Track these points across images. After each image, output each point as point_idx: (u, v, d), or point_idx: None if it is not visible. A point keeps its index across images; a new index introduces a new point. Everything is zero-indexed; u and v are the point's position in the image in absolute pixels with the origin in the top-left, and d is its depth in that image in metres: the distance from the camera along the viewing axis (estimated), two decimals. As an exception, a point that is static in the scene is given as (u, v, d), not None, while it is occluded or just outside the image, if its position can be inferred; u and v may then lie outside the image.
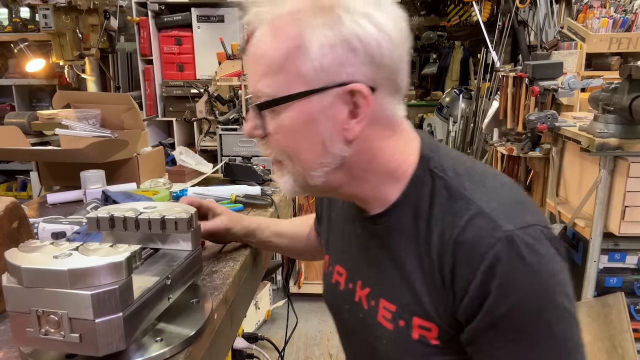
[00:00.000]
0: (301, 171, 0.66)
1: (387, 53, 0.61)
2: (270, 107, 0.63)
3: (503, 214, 0.61)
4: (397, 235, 0.69)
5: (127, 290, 0.58)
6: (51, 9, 2.57)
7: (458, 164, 0.68)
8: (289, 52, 0.60)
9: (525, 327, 0.60)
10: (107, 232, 0.76)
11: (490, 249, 0.59)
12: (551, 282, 0.60)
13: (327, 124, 0.63)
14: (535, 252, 0.59)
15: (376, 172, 0.68)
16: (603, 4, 2.98)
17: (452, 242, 0.62)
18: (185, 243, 0.77)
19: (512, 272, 0.59)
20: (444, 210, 0.64)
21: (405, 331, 0.68)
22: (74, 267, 0.54)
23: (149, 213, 0.75)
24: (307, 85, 0.61)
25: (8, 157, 2.59)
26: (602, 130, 1.95)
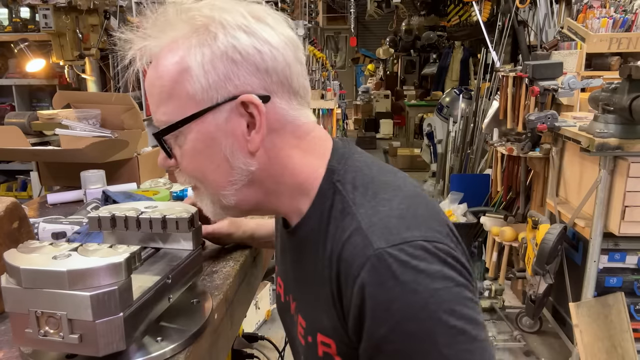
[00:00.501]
0: (213, 193, 0.67)
1: (271, 59, 0.62)
2: (167, 133, 0.64)
3: (380, 230, 0.58)
4: (308, 249, 0.68)
5: (127, 291, 0.58)
6: (51, 9, 2.57)
7: (360, 176, 0.66)
8: (174, 77, 0.62)
9: (412, 352, 0.56)
10: (108, 231, 0.77)
11: (361, 269, 0.57)
12: (432, 300, 0.55)
13: (228, 140, 0.63)
14: (410, 269, 0.55)
15: (287, 184, 0.67)
16: (603, 4, 2.98)
17: (336, 259, 0.61)
18: (186, 242, 0.77)
19: (383, 293, 0.55)
20: (337, 225, 0.63)
21: (313, 347, 0.68)
22: (73, 268, 0.54)
23: (150, 212, 0.75)
24: (198, 106, 0.62)
25: (8, 157, 2.59)
26: (602, 130, 1.96)
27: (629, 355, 2.04)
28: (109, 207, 0.78)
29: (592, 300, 2.13)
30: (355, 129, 9.19)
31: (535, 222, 2.47)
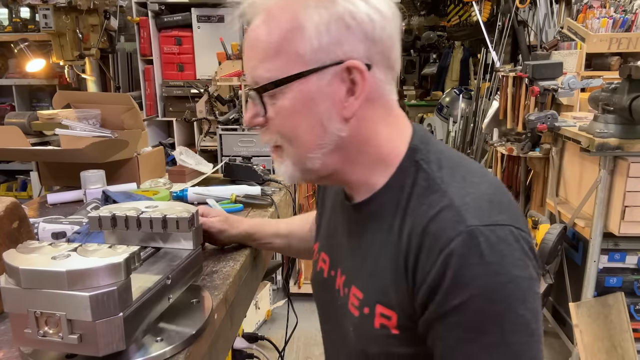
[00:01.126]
0: (300, 154, 0.67)
1: (380, 28, 0.63)
2: (271, 89, 0.64)
3: (473, 209, 0.60)
4: (375, 223, 0.70)
5: (126, 291, 0.58)
6: (51, 9, 2.57)
7: (445, 158, 0.68)
8: (285, 35, 0.62)
9: (477, 328, 0.58)
10: (108, 231, 0.77)
11: (451, 241, 0.58)
12: (510, 286, 0.57)
13: (326, 103, 0.64)
14: (497, 251, 0.57)
15: (369, 156, 0.69)
16: (603, 4, 2.98)
17: (420, 231, 0.62)
18: (187, 242, 0.77)
19: (467, 268, 0.57)
20: (420, 201, 0.64)
21: (369, 319, 0.68)
22: (72, 268, 0.54)
23: (150, 212, 0.75)
24: (305, 66, 0.62)
25: (8, 157, 2.59)
26: (602, 130, 1.96)
27: (629, 355, 2.04)
28: (109, 207, 0.78)
29: (592, 300, 2.13)
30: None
31: (535, 222, 2.47)
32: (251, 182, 1.49)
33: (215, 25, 3.14)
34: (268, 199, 1.38)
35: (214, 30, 3.12)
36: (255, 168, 1.52)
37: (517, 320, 0.58)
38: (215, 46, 2.86)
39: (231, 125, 2.86)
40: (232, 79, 2.77)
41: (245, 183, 1.48)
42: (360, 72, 0.63)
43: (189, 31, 3.18)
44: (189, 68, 3.26)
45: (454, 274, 0.58)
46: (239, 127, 2.87)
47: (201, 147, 3.15)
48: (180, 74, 3.27)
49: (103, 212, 0.75)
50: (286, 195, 1.50)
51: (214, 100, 2.87)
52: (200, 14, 3.14)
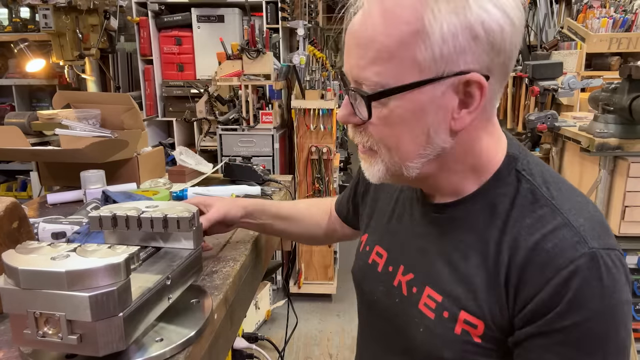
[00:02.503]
0: (398, 162, 0.63)
1: (508, 38, 0.58)
2: (381, 98, 0.59)
3: (590, 230, 0.60)
4: (463, 227, 0.67)
5: (126, 291, 0.58)
6: (51, 9, 2.57)
7: (547, 171, 0.66)
8: (404, 38, 0.56)
9: (582, 347, 0.58)
10: (109, 231, 0.76)
11: (571, 262, 0.57)
12: (620, 310, 0.58)
13: (437, 114, 0.59)
14: (612, 275, 0.58)
15: (466, 165, 0.66)
16: (603, 4, 2.98)
17: (530, 246, 0.60)
18: (187, 242, 0.77)
19: (588, 290, 0.57)
20: (526, 214, 0.62)
21: (448, 323, 0.66)
22: (72, 268, 0.54)
23: (151, 212, 0.75)
24: (421, 74, 0.57)
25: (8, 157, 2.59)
26: (602, 130, 1.95)
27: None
28: (110, 207, 0.78)
29: (592, 300, 2.13)
30: (355, 129, 9.18)
31: (535, 222, 2.47)
32: (251, 182, 1.49)
33: (215, 25, 3.14)
34: (268, 199, 1.38)
35: (214, 30, 3.12)
36: (255, 168, 1.52)
37: (619, 342, 0.59)
38: (215, 46, 2.86)
39: (231, 125, 2.86)
40: (232, 79, 2.77)
41: (245, 183, 1.48)
42: (480, 87, 0.58)
43: (189, 31, 3.18)
44: (189, 68, 3.26)
45: (573, 294, 0.57)
46: (239, 127, 2.87)
47: (201, 147, 3.15)
48: (180, 74, 3.27)
49: (104, 211, 0.75)
50: (286, 195, 1.50)
51: (213, 100, 2.86)
52: (200, 14, 3.14)
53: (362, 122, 0.63)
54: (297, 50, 2.96)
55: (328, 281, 3.18)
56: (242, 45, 2.76)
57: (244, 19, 3.20)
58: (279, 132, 2.97)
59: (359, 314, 0.89)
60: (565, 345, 0.58)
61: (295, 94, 2.94)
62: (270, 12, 3.08)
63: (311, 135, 2.91)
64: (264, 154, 2.89)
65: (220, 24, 3.14)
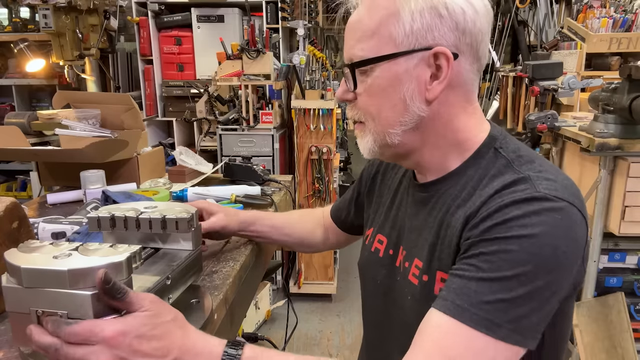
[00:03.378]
0: (381, 129, 0.73)
1: (471, 21, 0.68)
2: (362, 66, 0.71)
3: (546, 184, 0.64)
4: (444, 200, 0.74)
5: None
6: (51, 9, 2.57)
7: (524, 150, 0.73)
8: (382, 19, 0.69)
9: (494, 265, 0.61)
10: (108, 231, 0.76)
11: (514, 194, 0.63)
12: (546, 251, 0.60)
13: (411, 84, 0.69)
14: (554, 219, 0.60)
15: (446, 139, 0.74)
16: (603, 4, 2.98)
17: (488, 195, 0.66)
18: (186, 242, 0.77)
19: (522, 218, 0.60)
20: (495, 180, 0.68)
21: (428, 285, 0.72)
22: (74, 267, 0.54)
23: (149, 213, 0.75)
24: (396, 48, 0.68)
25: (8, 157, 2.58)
26: (602, 130, 1.95)
27: (629, 355, 2.03)
28: (108, 207, 0.78)
29: (592, 300, 2.13)
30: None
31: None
32: (251, 182, 1.49)
33: (215, 25, 3.14)
34: (268, 199, 1.38)
35: (213, 30, 3.12)
36: (255, 168, 1.52)
37: (527, 278, 0.60)
38: (215, 46, 2.86)
39: (231, 125, 2.86)
40: (232, 79, 2.77)
41: (245, 183, 1.48)
42: (447, 58, 0.67)
43: (189, 31, 3.18)
44: (188, 68, 3.26)
45: (509, 217, 0.61)
46: (239, 127, 2.87)
47: (201, 147, 3.15)
48: (180, 74, 3.27)
49: (102, 212, 0.75)
50: (286, 195, 1.50)
51: (213, 100, 2.86)
52: (200, 14, 3.14)
53: (353, 98, 0.75)
54: (297, 50, 2.95)
55: (328, 281, 3.18)
56: (242, 45, 2.76)
57: (244, 19, 3.20)
58: (279, 132, 2.97)
59: (362, 302, 0.93)
60: (479, 256, 0.62)
61: (295, 94, 2.94)
62: (270, 12, 3.08)
63: (311, 135, 2.91)
64: (264, 154, 2.89)
65: (220, 24, 3.14)
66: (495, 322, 0.59)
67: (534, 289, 0.60)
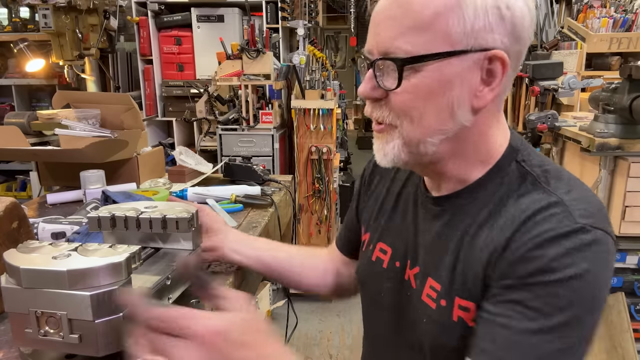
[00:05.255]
0: (418, 136, 0.64)
1: (526, 27, 0.62)
2: (412, 63, 0.61)
3: (582, 211, 0.59)
4: (462, 217, 0.68)
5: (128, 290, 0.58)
6: (51, 8, 2.57)
7: (547, 163, 0.68)
8: (440, 9, 0.60)
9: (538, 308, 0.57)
10: (108, 231, 0.76)
11: (553, 230, 0.58)
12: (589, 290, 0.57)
13: (462, 89, 0.62)
14: (595, 253, 0.57)
15: (478, 151, 0.67)
16: (603, 3, 2.98)
17: (522, 220, 0.61)
18: (186, 242, 0.77)
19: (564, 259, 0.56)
20: (522, 199, 0.63)
21: (446, 311, 0.67)
22: (73, 267, 0.54)
23: (150, 212, 0.75)
24: (451, 46, 0.60)
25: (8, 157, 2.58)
26: (602, 130, 1.95)
27: (629, 355, 2.03)
28: (108, 207, 0.78)
29: (592, 300, 2.13)
30: (355, 128, 9.19)
31: (536, 222, 2.47)
32: (251, 182, 1.49)
33: (215, 25, 3.14)
34: (268, 199, 1.37)
35: (213, 30, 3.12)
36: (255, 168, 1.52)
37: (577, 322, 0.57)
38: (215, 46, 2.86)
39: (231, 125, 2.86)
40: (232, 79, 2.76)
41: (245, 183, 1.48)
42: (503, 63, 0.61)
43: (189, 31, 3.18)
44: (188, 68, 3.26)
45: (552, 256, 0.57)
46: (239, 127, 2.87)
47: (201, 147, 3.15)
48: (180, 74, 3.27)
49: (102, 212, 0.75)
50: (286, 195, 1.50)
51: (213, 100, 2.86)
52: (200, 14, 3.14)
53: (384, 96, 0.65)
54: (297, 50, 2.95)
55: (328, 281, 3.17)
56: (242, 45, 2.75)
57: (244, 19, 3.19)
58: (279, 132, 2.97)
59: (363, 313, 0.88)
60: (527, 302, 0.58)
61: (295, 94, 2.94)
62: (270, 12, 3.08)
63: (311, 135, 2.91)
64: (264, 154, 2.89)
65: (220, 24, 3.14)
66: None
67: (586, 331, 0.58)
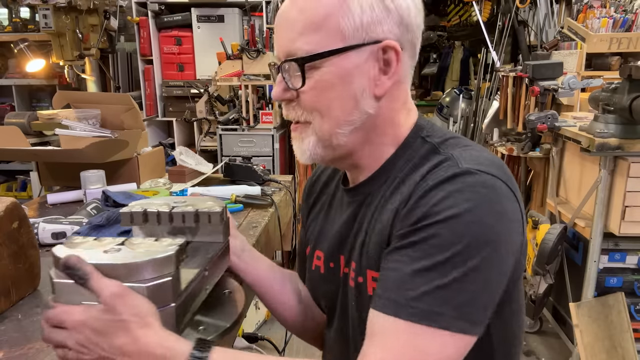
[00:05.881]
0: (328, 129, 0.68)
1: (413, 17, 0.67)
2: (311, 61, 0.65)
3: (470, 160, 0.63)
4: (373, 198, 0.72)
5: (177, 282, 0.59)
6: (51, 9, 2.57)
7: (449, 135, 0.71)
8: (330, 10, 0.64)
9: (427, 250, 0.59)
10: (137, 226, 0.77)
11: (437, 179, 0.61)
12: (474, 229, 0.58)
13: (361, 79, 0.66)
14: (484, 192, 0.59)
15: (387, 136, 0.71)
16: (603, 4, 2.98)
17: (416, 182, 0.64)
18: (216, 235, 0.77)
19: (447, 200, 0.59)
20: (422, 165, 0.67)
21: (363, 287, 0.70)
22: (129, 261, 0.55)
23: (182, 207, 0.76)
24: (345, 42, 0.65)
25: (8, 157, 2.59)
26: (602, 130, 1.95)
27: (629, 355, 2.03)
28: (140, 202, 0.78)
29: (593, 301, 2.13)
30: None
31: (536, 222, 2.47)
32: (251, 182, 1.49)
33: (215, 25, 3.14)
34: (268, 199, 1.37)
35: (214, 30, 3.12)
36: (255, 168, 1.52)
37: (466, 262, 0.57)
38: (215, 46, 2.86)
39: (231, 125, 2.86)
40: (232, 79, 2.76)
41: (245, 183, 1.48)
42: (396, 52, 0.66)
43: (189, 31, 3.18)
44: (189, 68, 3.26)
45: (434, 201, 0.59)
46: (239, 127, 2.87)
47: (201, 147, 3.15)
48: (180, 74, 3.27)
49: (134, 207, 0.76)
50: (286, 195, 1.50)
51: (213, 100, 2.86)
52: (200, 14, 3.14)
53: (294, 97, 0.69)
54: (297, 50, 2.95)
55: (328, 281, 3.18)
56: (242, 45, 2.76)
57: (244, 19, 3.20)
58: (279, 132, 2.97)
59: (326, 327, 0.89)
60: (412, 246, 0.60)
61: (295, 94, 2.94)
62: (270, 12, 3.08)
63: (311, 135, 2.90)
64: (264, 154, 2.89)
65: (220, 24, 3.14)
66: (435, 312, 0.57)
67: (470, 269, 0.57)
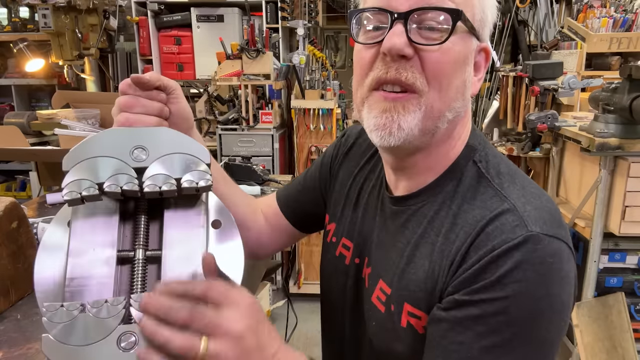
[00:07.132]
0: (439, 107, 0.61)
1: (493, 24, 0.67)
2: (464, 21, 0.60)
3: (534, 217, 0.59)
4: (418, 219, 0.67)
5: None
6: (50, 8, 2.57)
7: (504, 164, 0.67)
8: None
9: (492, 326, 0.56)
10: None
11: (505, 243, 0.56)
12: (545, 303, 0.56)
13: (470, 69, 0.64)
14: (548, 265, 0.56)
15: (452, 142, 0.67)
16: (603, 3, 2.98)
17: (474, 233, 0.60)
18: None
19: (516, 272, 0.55)
20: (475, 205, 0.62)
21: (394, 315, 0.66)
22: None
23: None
24: (473, 25, 0.63)
25: (7, 157, 2.58)
26: (602, 130, 1.95)
27: (629, 355, 2.03)
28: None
29: (593, 301, 2.13)
30: (354, 129, 9.17)
31: (536, 222, 2.46)
32: (251, 182, 1.49)
33: (214, 25, 3.14)
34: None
35: (213, 30, 3.12)
36: (255, 168, 1.51)
37: (534, 335, 0.56)
38: (215, 46, 2.85)
39: (231, 125, 2.86)
40: (232, 78, 2.76)
41: (245, 183, 1.48)
42: (487, 58, 0.66)
43: (189, 31, 3.18)
44: (188, 68, 3.25)
45: (500, 273, 0.56)
46: (239, 127, 2.87)
47: (201, 147, 3.14)
48: (179, 74, 3.26)
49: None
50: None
51: (213, 100, 2.86)
52: (199, 14, 3.13)
53: (412, 54, 0.59)
54: (297, 50, 2.95)
55: (328, 281, 3.17)
56: (242, 45, 2.75)
57: (243, 19, 3.19)
58: (279, 132, 2.96)
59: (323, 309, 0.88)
60: (477, 320, 0.57)
61: (295, 94, 2.94)
62: (270, 12, 3.08)
63: (311, 135, 2.91)
64: (264, 154, 2.89)
65: (220, 24, 3.13)
66: None
67: (540, 343, 0.57)
